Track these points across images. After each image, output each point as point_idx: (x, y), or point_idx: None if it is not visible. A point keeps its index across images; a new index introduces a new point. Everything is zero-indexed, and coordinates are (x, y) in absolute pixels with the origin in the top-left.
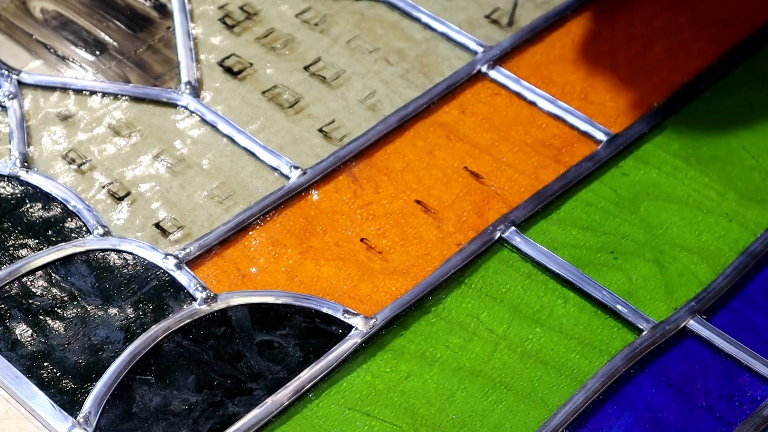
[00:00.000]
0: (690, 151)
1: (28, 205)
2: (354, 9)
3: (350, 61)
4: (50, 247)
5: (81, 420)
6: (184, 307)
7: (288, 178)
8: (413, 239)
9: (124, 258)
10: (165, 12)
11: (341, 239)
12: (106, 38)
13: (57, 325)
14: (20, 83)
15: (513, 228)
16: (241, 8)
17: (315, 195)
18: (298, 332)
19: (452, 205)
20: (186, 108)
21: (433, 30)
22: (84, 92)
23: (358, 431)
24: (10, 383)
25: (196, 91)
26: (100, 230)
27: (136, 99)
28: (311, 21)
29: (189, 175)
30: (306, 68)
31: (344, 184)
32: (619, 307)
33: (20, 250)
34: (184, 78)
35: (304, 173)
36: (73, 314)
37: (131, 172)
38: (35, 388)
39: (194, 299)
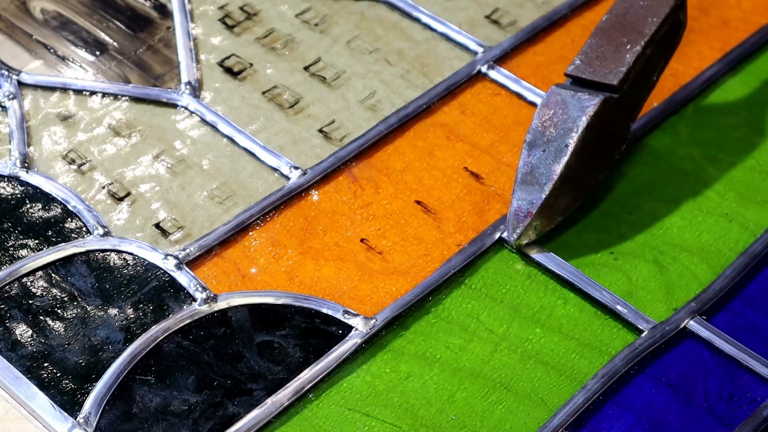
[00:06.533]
0: (690, 150)
1: (28, 206)
2: (354, 9)
3: (350, 62)
4: (50, 247)
5: (81, 420)
6: (184, 307)
7: (288, 178)
8: (413, 240)
9: (124, 258)
10: (165, 12)
11: (341, 240)
12: (106, 38)
13: (57, 325)
14: (20, 83)
15: None
16: (241, 8)
17: (315, 195)
18: (298, 333)
19: (452, 205)
20: (186, 108)
21: (433, 30)
22: (84, 92)
23: (358, 431)
24: (10, 384)
25: (196, 91)
26: (100, 231)
27: (136, 99)
28: (311, 21)
29: (189, 176)
30: (306, 68)
31: (344, 185)
32: (619, 307)
33: (20, 251)
34: (184, 78)
35: (304, 173)
36: (73, 315)
37: (131, 173)
38: (35, 389)
39: (194, 300)
